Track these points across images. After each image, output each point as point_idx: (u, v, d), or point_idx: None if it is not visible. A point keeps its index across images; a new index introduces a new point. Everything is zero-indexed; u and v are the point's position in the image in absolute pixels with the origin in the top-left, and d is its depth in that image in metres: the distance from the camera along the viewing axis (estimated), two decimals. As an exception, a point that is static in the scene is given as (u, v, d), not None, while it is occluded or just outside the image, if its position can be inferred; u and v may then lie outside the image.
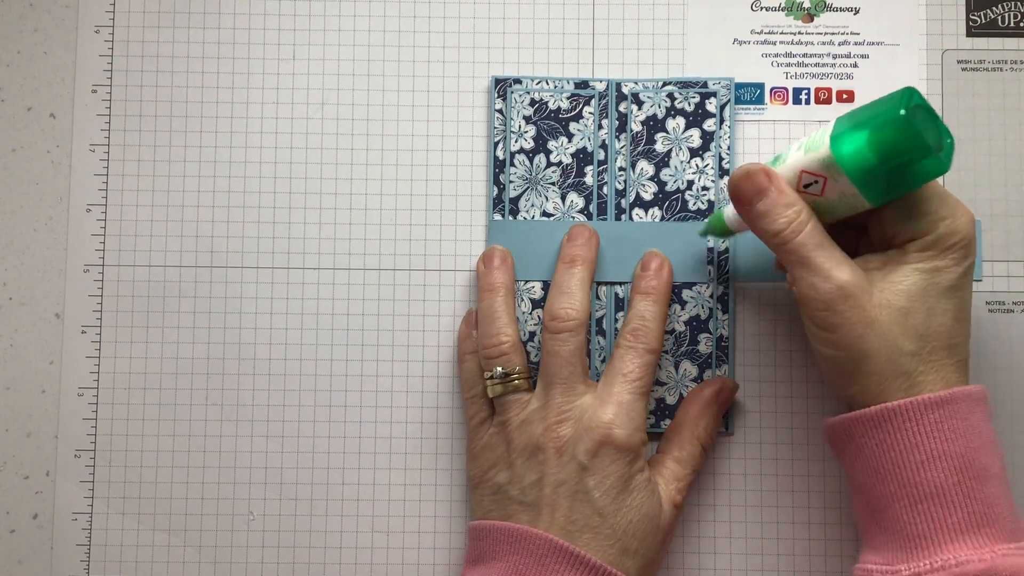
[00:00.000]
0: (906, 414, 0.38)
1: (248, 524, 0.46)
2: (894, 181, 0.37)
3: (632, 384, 0.42)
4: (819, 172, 0.38)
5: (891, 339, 0.38)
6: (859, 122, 0.37)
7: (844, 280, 0.38)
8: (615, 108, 0.47)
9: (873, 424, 0.38)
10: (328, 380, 0.47)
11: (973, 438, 0.38)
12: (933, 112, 0.37)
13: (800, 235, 0.39)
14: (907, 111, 0.36)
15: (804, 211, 0.39)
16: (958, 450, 0.37)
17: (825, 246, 0.39)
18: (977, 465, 0.37)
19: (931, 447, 0.37)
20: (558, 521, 0.40)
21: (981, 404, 0.39)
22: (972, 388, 0.39)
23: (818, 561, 0.46)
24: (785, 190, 0.39)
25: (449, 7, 0.48)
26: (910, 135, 0.36)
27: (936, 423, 0.38)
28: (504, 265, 0.46)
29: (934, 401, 0.38)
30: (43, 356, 0.47)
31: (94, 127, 0.48)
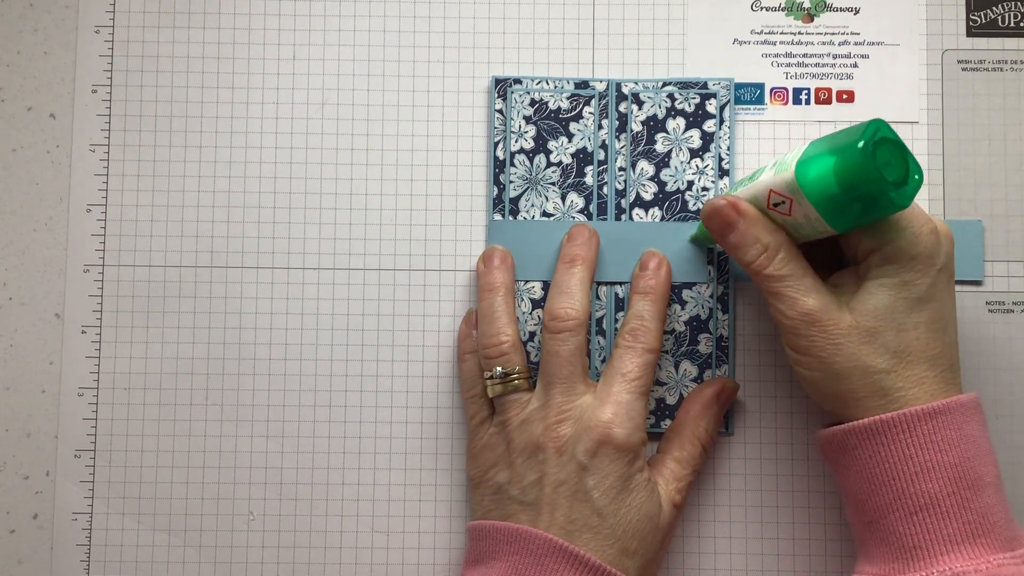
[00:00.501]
0: (900, 425, 0.38)
1: (248, 524, 0.46)
2: (856, 211, 0.37)
3: (631, 384, 0.42)
4: (785, 194, 0.38)
5: (861, 360, 0.38)
6: (825, 150, 0.37)
7: (809, 308, 0.39)
8: (615, 108, 0.47)
9: (867, 436, 0.38)
10: (328, 380, 0.47)
11: (967, 448, 0.38)
12: (902, 147, 0.36)
13: (768, 267, 0.40)
14: (867, 144, 0.35)
15: (773, 242, 0.40)
16: (952, 460, 0.37)
17: (794, 275, 0.39)
18: (971, 475, 0.37)
19: (925, 458, 0.37)
20: (558, 521, 0.40)
21: (975, 413, 0.39)
22: (965, 397, 0.39)
23: (818, 561, 0.46)
24: (753, 224, 0.40)
25: (449, 7, 0.48)
26: (868, 168, 0.35)
27: (930, 434, 0.38)
28: (504, 265, 0.46)
29: (927, 412, 0.38)
30: (43, 356, 0.47)
31: (94, 127, 0.48)
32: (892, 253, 0.38)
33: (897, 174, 0.36)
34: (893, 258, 0.38)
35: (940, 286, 0.39)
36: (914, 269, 0.38)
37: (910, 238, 0.38)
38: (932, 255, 0.38)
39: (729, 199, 0.41)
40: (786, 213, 0.39)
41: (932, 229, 0.39)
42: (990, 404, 0.46)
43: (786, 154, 0.39)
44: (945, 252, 0.39)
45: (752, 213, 0.40)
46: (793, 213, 0.39)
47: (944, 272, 0.39)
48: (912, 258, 0.38)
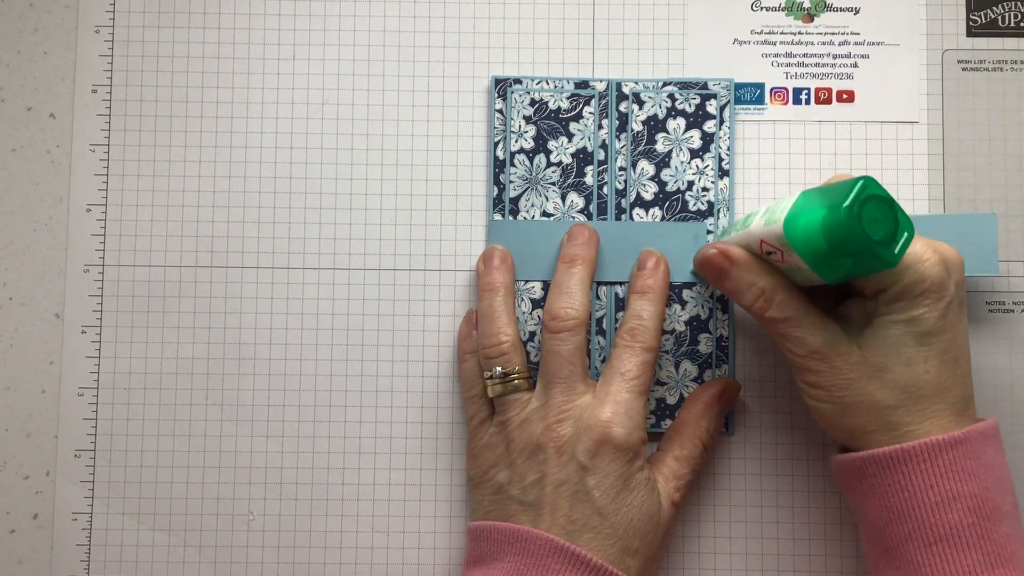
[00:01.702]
0: (920, 455, 0.38)
1: (248, 524, 0.46)
2: (846, 265, 0.36)
3: (630, 383, 0.42)
4: (775, 245, 0.38)
5: (870, 395, 0.38)
6: (813, 205, 0.37)
7: (816, 346, 0.39)
8: (615, 108, 0.47)
9: (886, 465, 0.38)
10: (328, 380, 0.47)
11: (986, 477, 0.38)
12: (890, 203, 0.36)
13: (769, 310, 0.39)
14: (852, 204, 0.35)
15: (770, 285, 0.39)
16: (972, 490, 0.37)
17: (797, 315, 0.39)
18: (990, 505, 0.37)
19: (946, 488, 0.37)
20: (559, 521, 0.40)
21: (993, 440, 0.39)
22: (984, 425, 0.39)
23: (818, 561, 0.46)
24: (746, 269, 0.40)
25: (449, 7, 0.48)
26: (854, 229, 0.35)
27: (950, 464, 0.37)
28: (504, 265, 0.46)
29: (948, 442, 0.37)
30: (43, 356, 0.47)
31: (94, 127, 0.48)
32: (899, 292, 0.38)
33: (885, 232, 0.35)
34: (901, 296, 0.38)
35: (951, 317, 0.38)
36: (922, 305, 0.38)
37: (915, 276, 0.38)
38: (940, 288, 0.38)
39: (719, 247, 0.40)
40: (779, 261, 0.39)
41: (937, 261, 0.38)
42: (990, 404, 0.46)
43: (777, 202, 0.39)
44: (955, 282, 0.38)
45: (743, 259, 0.40)
46: (786, 261, 0.38)
47: (955, 302, 0.38)
48: (920, 295, 0.38)
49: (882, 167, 0.47)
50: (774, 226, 0.38)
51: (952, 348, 0.39)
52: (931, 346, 0.38)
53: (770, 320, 0.40)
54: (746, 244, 0.40)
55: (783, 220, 0.37)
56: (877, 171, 0.47)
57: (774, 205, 0.39)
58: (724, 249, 0.40)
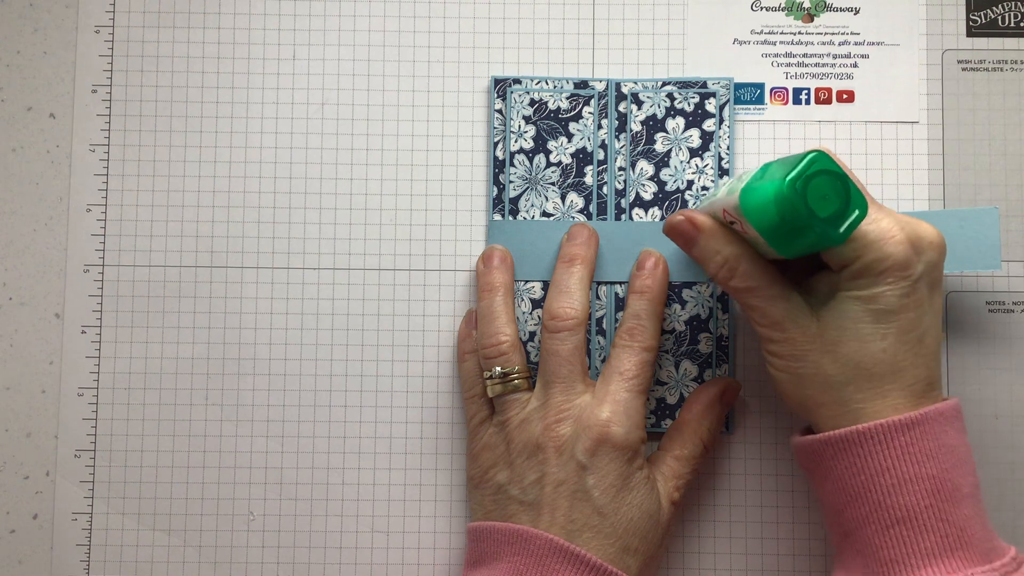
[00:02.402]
0: (876, 437, 0.37)
1: (248, 524, 0.46)
2: (796, 241, 0.36)
3: (629, 382, 0.42)
4: (734, 216, 0.38)
5: (822, 368, 0.38)
6: (768, 178, 0.36)
7: (777, 317, 0.39)
8: (615, 108, 0.47)
9: (842, 447, 0.38)
10: (328, 380, 0.47)
11: (945, 458, 0.37)
12: (843, 179, 0.35)
13: (732, 279, 0.39)
14: (796, 178, 0.34)
15: (734, 254, 0.39)
16: (929, 472, 0.37)
17: (760, 285, 0.39)
18: (949, 486, 0.37)
19: (902, 470, 0.37)
20: (558, 521, 0.40)
21: (954, 420, 0.38)
22: (944, 405, 0.38)
23: (818, 561, 0.46)
24: (711, 237, 0.40)
25: (449, 7, 0.48)
26: (796, 203, 0.34)
27: (906, 445, 0.37)
28: (504, 264, 0.46)
29: (904, 423, 0.37)
30: (43, 356, 0.47)
31: (94, 127, 0.48)
32: (860, 269, 0.37)
33: (833, 209, 0.35)
34: (861, 273, 0.37)
35: (916, 297, 0.37)
36: (884, 283, 0.37)
37: (878, 254, 0.37)
38: (904, 266, 0.37)
39: (687, 214, 0.40)
40: (741, 231, 0.39)
41: (903, 239, 0.37)
42: (990, 404, 0.46)
43: (743, 173, 0.39)
44: (926, 262, 0.38)
45: (709, 226, 0.40)
46: (747, 232, 0.38)
47: (923, 282, 0.38)
48: (881, 272, 0.37)
49: (882, 167, 0.47)
50: (733, 196, 0.37)
51: (914, 328, 0.38)
52: (889, 324, 0.37)
53: (733, 289, 0.40)
54: (713, 213, 0.40)
55: (739, 191, 0.37)
56: (877, 171, 0.47)
57: (740, 175, 0.39)
58: (691, 216, 0.40)
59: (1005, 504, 0.46)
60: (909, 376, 0.38)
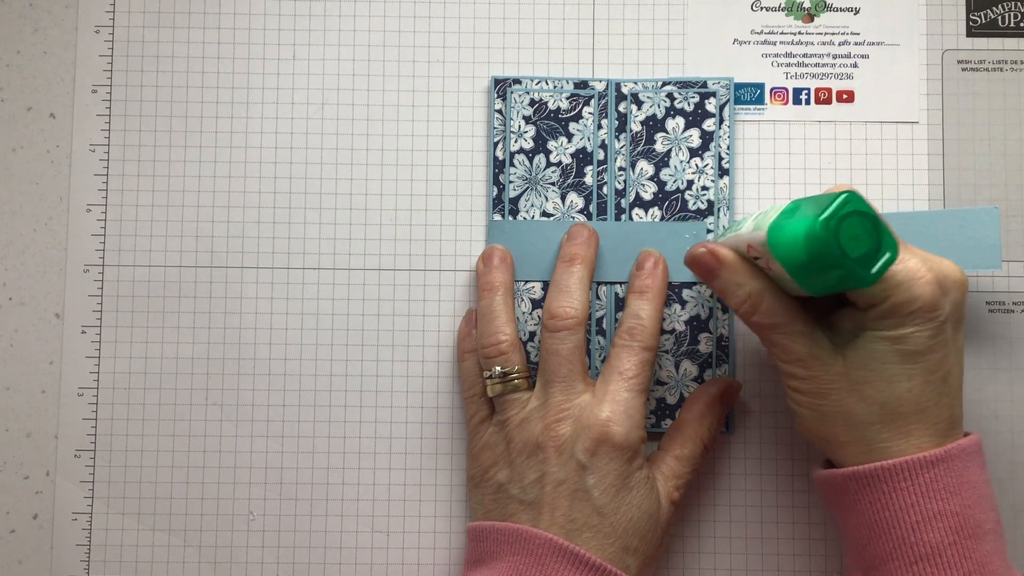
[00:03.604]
0: (901, 473, 0.37)
1: (248, 524, 0.46)
2: (824, 279, 0.35)
3: (629, 382, 0.42)
4: (760, 252, 0.38)
5: (847, 407, 0.38)
6: (798, 215, 0.36)
7: (800, 354, 0.39)
8: (615, 108, 0.47)
9: (867, 483, 0.38)
10: (328, 380, 0.47)
11: (968, 494, 0.37)
12: (874, 221, 0.35)
13: (755, 315, 0.39)
14: (829, 219, 0.34)
15: (756, 290, 0.39)
16: (953, 508, 0.37)
17: (783, 321, 0.39)
18: (972, 523, 0.37)
19: (927, 507, 0.37)
20: (558, 520, 0.40)
21: (976, 456, 0.38)
22: (966, 442, 0.38)
23: (818, 561, 0.46)
24: (734, 272, 0.39)
25: (449, 7, 0.48)
26: (829, 243, 0.34)
27: (931, 482, 0.37)
28: (503, 264, 0.46)
29: (930, 460, 0.37)
30: (43, 356, 0.47)
31: (94, 127, 0.48)
32: (888, 309, 0.37)
33: (864, 249, 0.35)
34: (890, 314, 0.37)
35: (943, 337, 0.37)
36: (912, 323, 0.37)
37: (906, 295, 0.37)
38: (933, 308, 0.37)
39: (709, 247, 0.40)
40: (766, 267, 0.39)
41: (931, 280, 0.37)
42: (990, 404, 0.46)
43: (769, 208, 0.39)
44: (952, 302, 0.37)
45: (731, 260, 0.39)
46: (771, 268, 0.38)
47: (949, 322, 0.37)
48: (910, 314, 0.37)
49: (882, 167, 0.47)
50: (760, 232, 0.37)
51: (940, 368, 0.38)
52: (917, 365, 0.37)
53: (755, 325, 0.40)
54: (736, 246, 0.40)
55: (768, 227, 0.37)
56: (877, 171, 0.47)
57: (766, 210, 0.39)
58: (713, 249, 0.40)
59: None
60: (933, 415, 0.38)
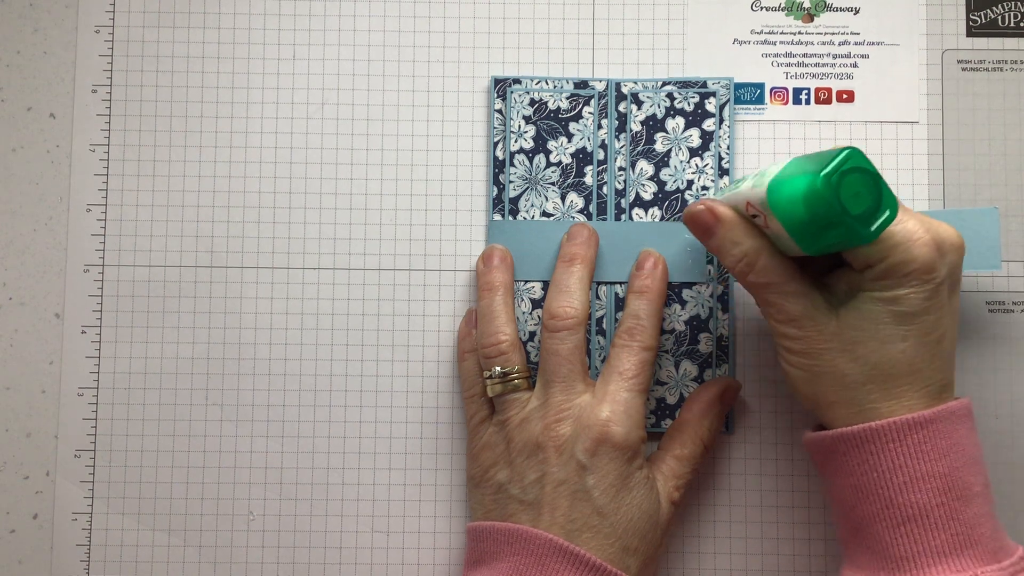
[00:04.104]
0: (889, 434, 0.37)
1: (248, 524, 0.46)
2: (825, 237, 0.35)
3: (629, 382, 0.42)
4: (759, 209, 0.38)
5: (838, 367, 0.38)
6: (798, 172, 0.36)
7: (794, 314, 0.39)
8: (615, 108, 0.47)
9: (856, 443, 0.38)
10: (328, 380, 0.47)
11: (956, 456, 0.37)
12: (875, 177, 0.35)
13: (750, 274, 0.39)
14: (831, 174, 0.34)
15: (753, 248, 0.39)
16: (941, 470, 0.37)
17: (778, 280, 0.39)
18: (960, 485, 0.37)
19: (915, 468, 0.37)
20: (558, 520, 0.40)
21: (965, 419, 0.39)
22: (956, 404, 0.38)
23: (818, 561, 0.46)
24: (731, 229, 0.39)
25: (449, 7, 0.48)
26: (829, 199, 0.34)
27: (919, 443, 0.37)
28: (503, 264, 0.46)
29: (917, 421, 0.37)
30: (43, 356, 0.47)
31: (94, 127, 0.48)
32: (885, 270, 0.37)
33: (865, 206, 0.35)
34: (886, 275, 0.37)
35: (938, 299, 0.38)
36: (908, 285, 0.37)
37: (903, 256, 0.37)
38: (929, 269, 0.37)
39: (707, 203, 0.40)
40: (763, 226, 0.39)
41: (928, 241, 0.37)
42: (990, 404, 0.46)
43: (769, 166, 0.39)
44: (948, 263, 0.38)
45: (729, 218, 0.40)
46: (769, 226, 0.38)
47: (945, 285, 0.38)
48: (906, 275, 0.37)
49: (882, 167, 0.47)
50: (759, 189, 0.37)
51: (934, 330, 0.38)
52: (911, 326, 0.37)
53: (750, 284, 0.40)
54: (735, 204, 0.40)
55: (767, 184, 0.37)
56: (877, 171, 0.47)
57: (764, 169, 0.39)
58: (712, 206, 0.40)
59: (1006, 503, 0.46)
60: (925, 378, 0.38)
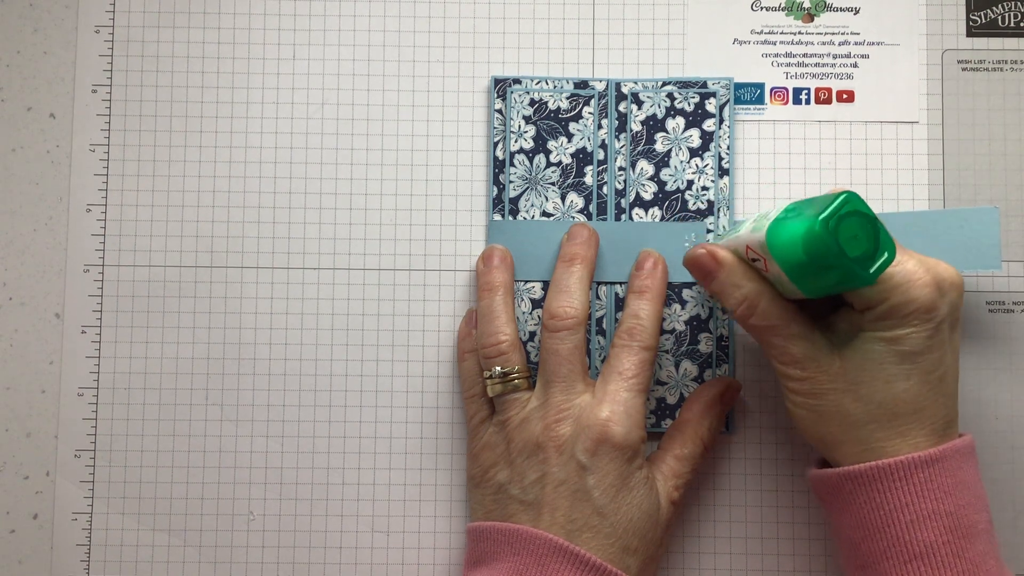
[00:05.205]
0: (896, 472, 0.37)
1: (248, 524, 0.46)
2: (824, 280, 0.36)
3: (628, 381, 0.42)
4: (759, 253, 0.38)
5: (843, 407, 0.38)
6: (796, 215, 0.36)
7: (797, 356, 0.39)
8: (615, 108, 0.47)
9: (862, 482, 0.38)
10: (328, 380, 0.47)
11: (962, 494, 0.38)
12: (872, 221, 0.35)
13: (751, 317, 0.39)
14: (828, 218, 0.35)
15: (754, 292, 0.39)
16: (948, 508, 0.37)
17: (779, 324, 0.39)
18: (966, 523, 0.37)
19: (921, 506, 0.37)
20: (558, 520, 0.40)
21: (970, 457, 0.39)
22: (960, 442, 0.38)
23: (818, 561, 0.46)
24: (731, 273, 0.40)
25: (449, 7, 0.48)
26: (828, 243, 0.35)
27: (926, 481, 0.37)
28: (503, 264, 0.46)
29: (924, 460, 0.37)
30: (43, 356, 0.47)
31: (94, 127, 0.48)
32: (886, 311, 0.37)
33: (863, 249, 0.35)
34: (887, 315, 0.37)
35: (939, 338, 0.38)
36: (910, 324, 0.37)
37: (904, 297, 0.37)
38: (930, 309, 0.37)
39: (708, 248, 0.40)
40: (763, 269, 0.39)
41: (929, 282, 0.37)
42: (990, 405, 0.46)
43: (767, 211, 0.39)
44: (949, 303, 0.38)
45: (730, 262, 0.40)
46: (769, 270, 0.38)
47: (946, 323, 0.38)
48: (907, 315, 0.37)
49: (882, 167, 0.47)
50: (759, 233, 0.38)
51: (937, 368, 0.38)
52: (914, 365, 0.38)
53: (752, 327, 0.40)
54: (735, 249, 0.40)
55: (766, 228, 0.37)
56: (877, 171, 0.47)
57: (764, 212, 0.39)
58: (712, 251, 0.40)
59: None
60: (930, 415, 0.38)
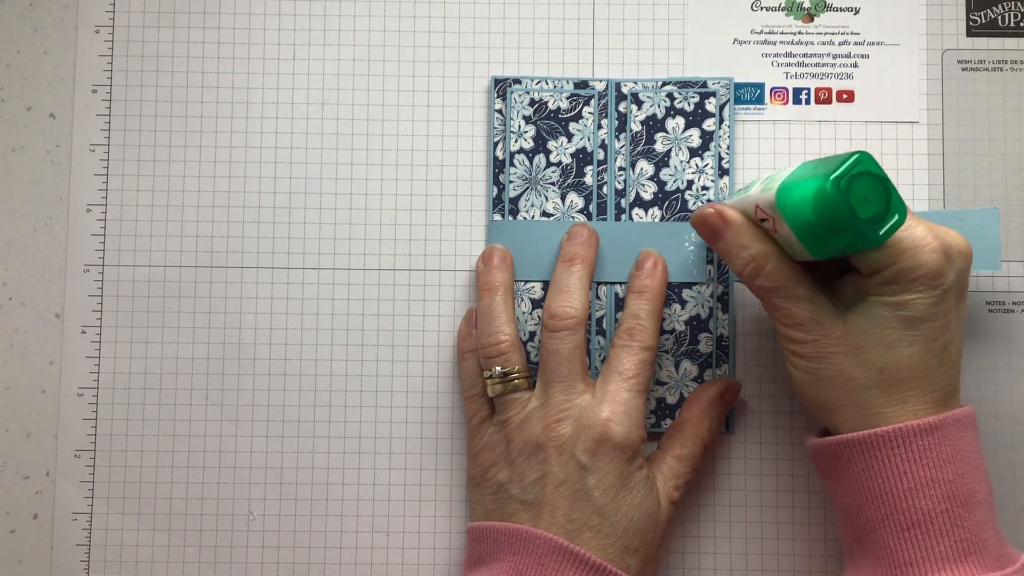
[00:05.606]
0: (895, 440, 0.37)
1: (248, 524, 0.46)
2: (833, 241, 0.36)
3: (628, 381, 0.42)
4: (768, 213, 0.38)
5: (845, 371, 0.38)
6: (807, 176, 0.36)
7: (801, 318, 0.39)
8: (615, 108, 0.47)
9: (861, 449, 0.38)
10: (328, 380, 0.47)
11: (961, 463, 0.37)
12: (884, 182, 0.35)
13: (758, 278, 0.39)
14: (840, 177, 0.34)
15: (761, 252, 0.39)
16: (946, 477, 0.37)
17: (786, 285, 0.39)
18: (965, 492, 0.37)
19: (920, 474, 0.37)
20: (558, 520, 0.40)
21: (970, 427, 0.39)
22: (960, 412, 0.38)
23: (818, 561, 0.46)
24: (740, 233, 0.40)
25: (449, 7, 0.48)
26: (839, 203, 0.34)
27: (925, 449, 0.37)
28: (503, 264, 0.46)
29: (923, 427, 0.37)
30: (43, 356, 0.47)
31: (94, 127, 0.48)
32: (893, 275, 0.37)
33: (874, 210, 0.35)
34: (894, 280, 0.37)
35: (945, 305, 0.38)
36: (915, 290, 0.37)
37: (912, 261, 0.37)
38: (937, 275, 0.37)
39: (716, 207, 0.40)
40: (772, 230, 0.39)
41: (937, 247, 0.37)
42: (990, 404, 0.46)
43: (779, 170, 0.39)
44: (956, 271, 0.38)
45: (738, 222, 0.40)
46: (777, 230, 0.38)
47: (952, 291, 0.38)
48: (913, 280, 0.37)
49: (882, 167, 0.47)
50: (768, 193, 0.37)
51: (941, 336, 0.38)
52: (918, 331, 0.37)
53: (758, 288, 0.40)
54: (744, 209, 0.40)
55: (777, 187, 0.37)
56: (877, 171, 0.47)
57: (773, 173, 0.39)
58: (721, 210, 0.40)
59: (1006, 504, 0.46)
60: (931, 383, 0.38)
